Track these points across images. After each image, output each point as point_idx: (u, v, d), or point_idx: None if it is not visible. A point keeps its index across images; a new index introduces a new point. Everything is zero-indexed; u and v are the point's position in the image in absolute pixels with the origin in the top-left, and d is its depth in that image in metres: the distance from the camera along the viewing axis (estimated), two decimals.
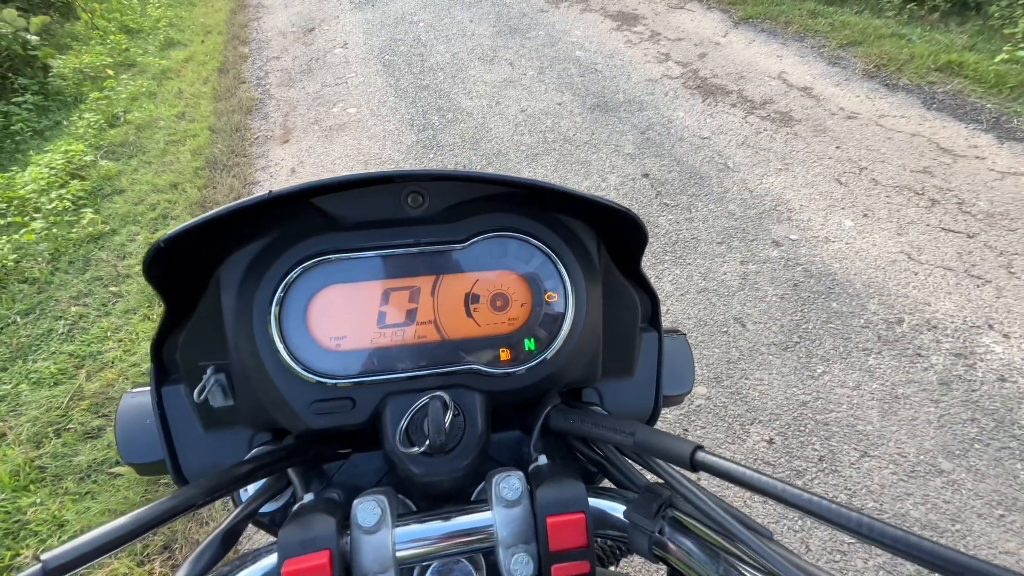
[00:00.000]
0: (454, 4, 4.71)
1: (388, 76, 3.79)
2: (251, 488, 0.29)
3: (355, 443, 0.32)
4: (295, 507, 0.27)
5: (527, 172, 2.70)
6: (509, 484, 0.26)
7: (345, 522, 0.26)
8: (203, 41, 4.70)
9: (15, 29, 3.91)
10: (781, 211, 2.23)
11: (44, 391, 1.97)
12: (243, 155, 3.21)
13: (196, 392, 0.30)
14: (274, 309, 0.28)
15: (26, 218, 2.68)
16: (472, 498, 0.30)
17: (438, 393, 0.29)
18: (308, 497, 0.28)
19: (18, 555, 1.52)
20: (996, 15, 3.23)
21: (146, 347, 2.07)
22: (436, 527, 0.27)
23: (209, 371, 0.30)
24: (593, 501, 0.27)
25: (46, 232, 2.59)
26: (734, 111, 2.85)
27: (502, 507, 0.26)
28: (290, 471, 0.29)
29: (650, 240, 2.25)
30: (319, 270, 0.28)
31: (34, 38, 4.04)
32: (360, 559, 0.25)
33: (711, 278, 2.01)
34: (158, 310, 2.25)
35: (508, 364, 0.31)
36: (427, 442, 0.27)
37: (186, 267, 0.28)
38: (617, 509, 0.27)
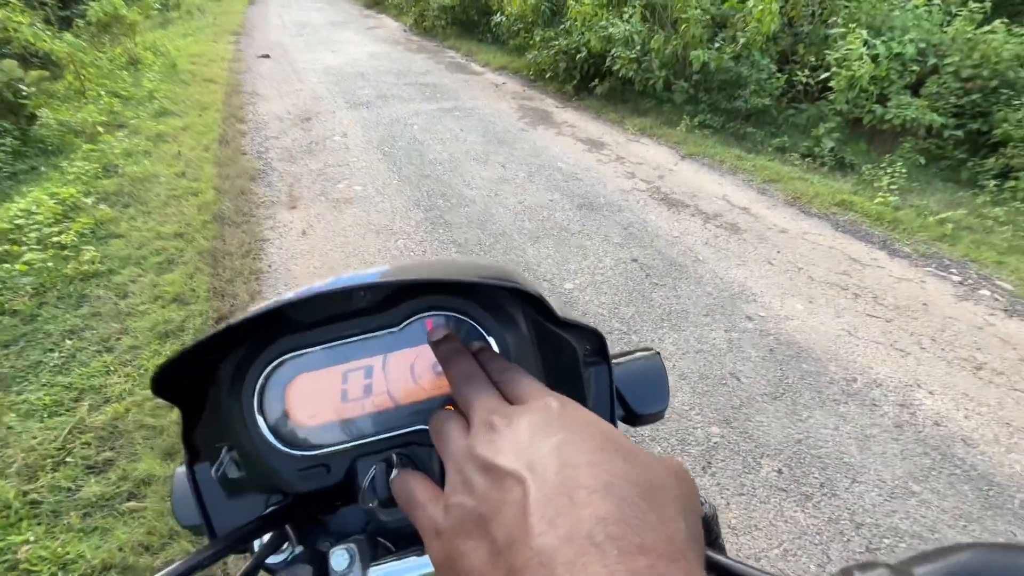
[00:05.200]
0: (444, 115, 5.40)
1: (390, 164, 4.20)
2: (266, 539, 0.35)
3: (342, 498, 0.37)
4: (290, 557, 0.33)
5: (531, 251, 3.07)
6: None
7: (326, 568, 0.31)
8: (200, 115, 4.93)
9: (10, 78, 3.94)
10: (747, 294, 2.73)
11: (35, 423, 1.80)
12: (251, 215, 3.33)
13: (213, 469, 0.35)
14: (255, 401, 0.34)
15: (22, 248, 2.55)
16: None
17: (390, 453, 0.34)
18: (299, 549, 0.34)
19: None
20: (867, 173, 4.37)
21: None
22: (402, 566, 0.31)
23: (223, 450, 0.36)
24: None
25: (39, 265, 2.47)
26: (694, 219, 3.51)
27: None
28: (287, 526, 0.35)
29: (650, 310, 2.62)
30: (288, 365, 0.34)
31: (29, 89, 4.07)
32: None
33: (704, 341, 2.38)
34: (170, 346, 2.18)
35: None
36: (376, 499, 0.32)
37: (186, 379, 0.34)
38: None
